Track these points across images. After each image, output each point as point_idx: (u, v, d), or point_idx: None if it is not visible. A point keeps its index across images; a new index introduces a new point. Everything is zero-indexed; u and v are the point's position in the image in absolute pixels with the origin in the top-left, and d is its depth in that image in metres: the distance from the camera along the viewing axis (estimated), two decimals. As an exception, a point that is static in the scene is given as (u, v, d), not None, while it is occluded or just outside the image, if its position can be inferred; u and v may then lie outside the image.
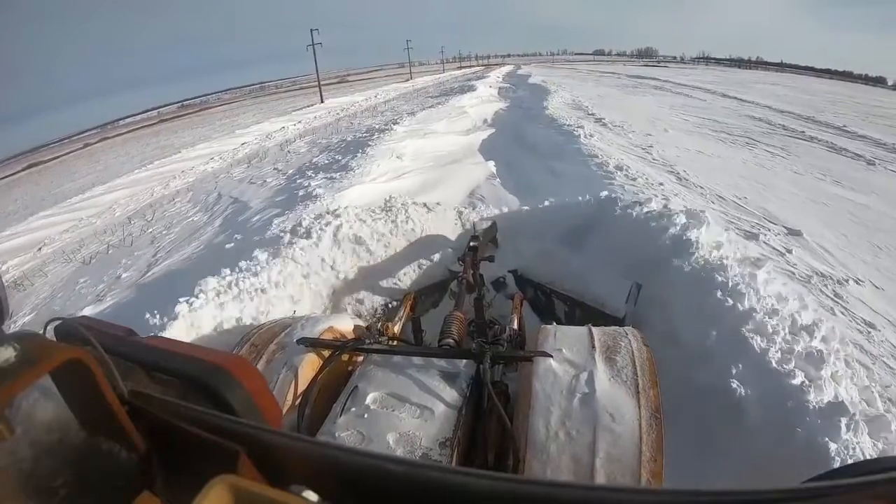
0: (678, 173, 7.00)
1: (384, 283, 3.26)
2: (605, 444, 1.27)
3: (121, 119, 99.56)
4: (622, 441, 1.28)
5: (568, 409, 1.36)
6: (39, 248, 9.57)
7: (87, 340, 0.65)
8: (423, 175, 7.18)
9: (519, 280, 3.37)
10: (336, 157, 9.06)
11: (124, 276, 6.12)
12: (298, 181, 7.55)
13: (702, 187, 6.49)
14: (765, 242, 4.72)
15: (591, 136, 8.88)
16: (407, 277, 3.33)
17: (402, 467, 0.52)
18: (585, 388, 1.39)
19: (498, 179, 7.18)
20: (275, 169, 10.36)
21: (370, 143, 9.36)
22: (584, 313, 2.87)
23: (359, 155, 8.09)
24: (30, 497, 0.56)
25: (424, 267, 3.40)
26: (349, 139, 11.30)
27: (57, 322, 0.74)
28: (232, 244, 4.92)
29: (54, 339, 0.72)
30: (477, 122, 13.75)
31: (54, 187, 20.46)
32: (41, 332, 0.65)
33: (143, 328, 2.38)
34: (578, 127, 9.63)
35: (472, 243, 3.00)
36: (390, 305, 3.20)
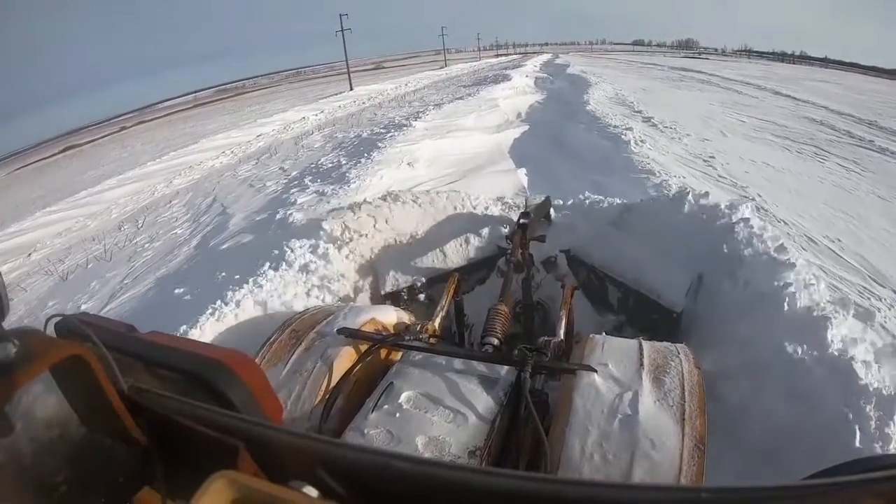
0: (752, 198, 5.64)
1: (423, 263, 2.99)
2: (640, 472, 1.20)
3: (159, 103, 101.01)
4: (660, 471, 1.20)
5: (607, 430, 1.29)
6: (29, 254, 9.02)
7: (88, 337, 0.66)
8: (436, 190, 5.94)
9: (571, 261, 3.07)
10: (341, 159, 7.99)
11: (84, 307, 5.43)
12: (291, 192, 6.51)
13: (785, 223, 5.14)
14: (881, 325, 3.30)
15: (641, 141, 7.55)
16: (450, 255, 3.05)
17: (403, 464, 0.52)
18: (628, 409, 1.32)
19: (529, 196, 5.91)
20: (280, 169, 9.51)
21: (381, 143, 8.27)
22: (638, 303, 2.69)
23: (363, 160, 6.96)
24: (31, 493, 0.58)
25: (469, 243, 3.12)
26: (364, 135, 10.20)
27: (57, 318, 0.72)
28: (180, 289, 3.88)
29: (55, 335, 0.69)
30: (510, 116, 12.65)
31: (78, 174, 20.30)
32: (41, 328, 0.63)
33: None
34: (626, 129, 8.29)
35: (521, 220, 2.73)
36: (421, 285, 2.95)
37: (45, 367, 0.55)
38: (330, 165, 7.61)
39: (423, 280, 2.95)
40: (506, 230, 3.12)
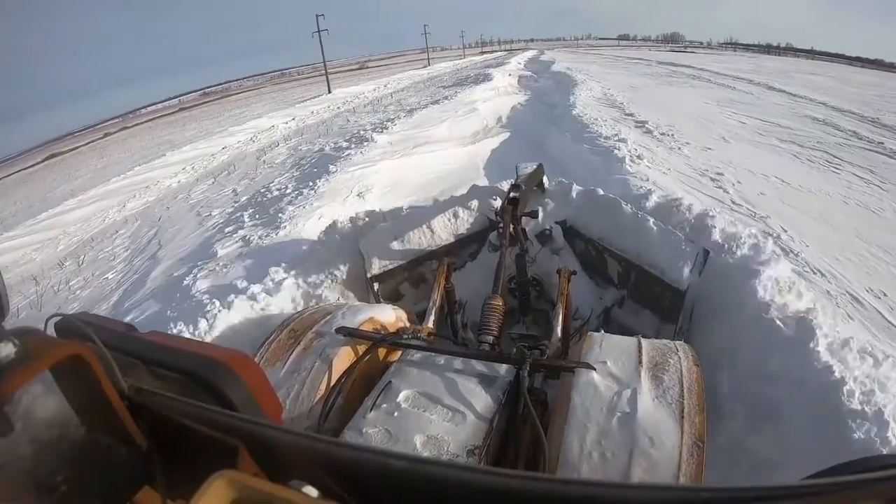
0: (777, 235, 4.61)
1: (411, 242, 2.81)
2: (639, 471, 1.19)
3: (144, 107, 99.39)
4: (658, 469, 1.19)
5: (606, 427, 1.28)
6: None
7: (88, 336, 0.64)
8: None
9: (568, 232, 2.98)
10: (290, 184, 7.02)
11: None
12: (226, 230, 5.56)
13: (822, 273, 4.08)
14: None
15: (639, 157, 6.54)
16: (438, 231, 2.89)
17: (402, 463, 0.51)
18: (627, 406, 1.31)
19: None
20: (233, 191, 8.57)
21: (334, 165, 7.28)
22: (639, 278, 2.56)
23: (305, 190, 6.01)
24: (30, 493, 0.57)
25: (458, 217, 2.96)
26: (327, 150, 9.17)
27: (57, 318, 0.71)
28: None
29: (55, 335, 0.69)
30: (488, 121, 11.70)
31: (51, 189, 19.14)
32: (42, 328, 0.61)
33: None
34: (619, 140, 7.25)
35: (512, 194, 2.60)
36: (410, 263, 2.81)
37: (45, 366, 0.54)
38: (276, 193, 6.62)
39: (411, 260, 2.83)
40: (496, 202, 2.98)
